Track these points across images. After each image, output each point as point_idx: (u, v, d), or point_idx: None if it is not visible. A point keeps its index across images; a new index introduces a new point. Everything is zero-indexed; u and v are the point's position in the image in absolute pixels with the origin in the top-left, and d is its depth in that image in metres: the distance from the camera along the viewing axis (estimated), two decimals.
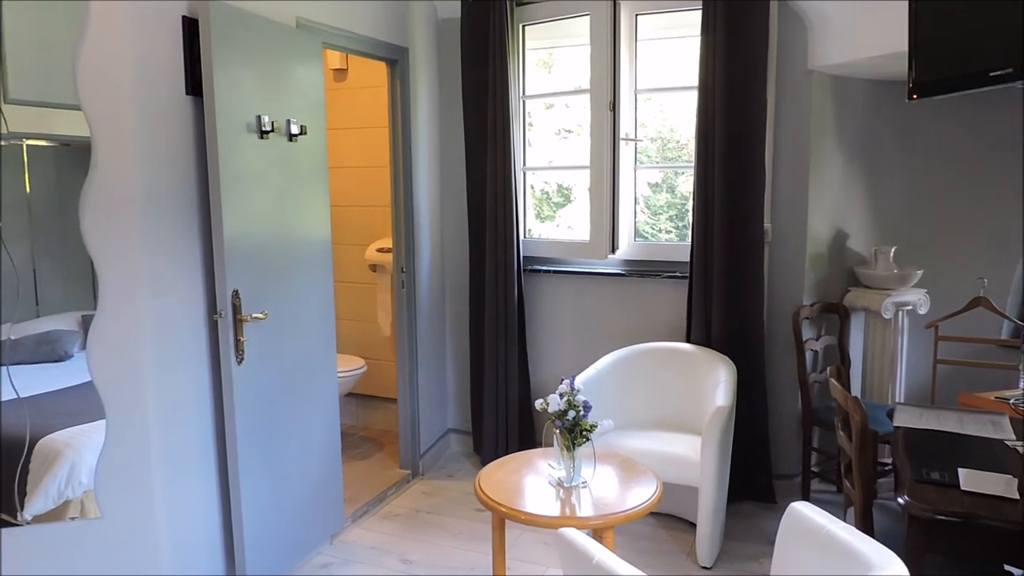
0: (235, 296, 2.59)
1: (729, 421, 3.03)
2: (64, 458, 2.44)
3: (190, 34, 2.50)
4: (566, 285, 4.01)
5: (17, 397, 2.37)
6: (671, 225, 4.15)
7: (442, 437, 4.30)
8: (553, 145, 4.30)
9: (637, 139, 3.86)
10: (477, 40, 3.82)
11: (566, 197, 4.43)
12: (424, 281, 4.02)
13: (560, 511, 2.53)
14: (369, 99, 4.43)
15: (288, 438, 2.91)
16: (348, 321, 4.53)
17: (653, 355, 3.52)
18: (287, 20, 2.96)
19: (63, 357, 2.61)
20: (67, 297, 2.61)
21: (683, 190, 4.06)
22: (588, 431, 2.58)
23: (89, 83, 2.27)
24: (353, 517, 3.47)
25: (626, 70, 3.77)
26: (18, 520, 2.38)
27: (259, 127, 2.68)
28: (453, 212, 4.19)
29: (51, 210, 2.50)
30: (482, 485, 2.66)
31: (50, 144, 2.48)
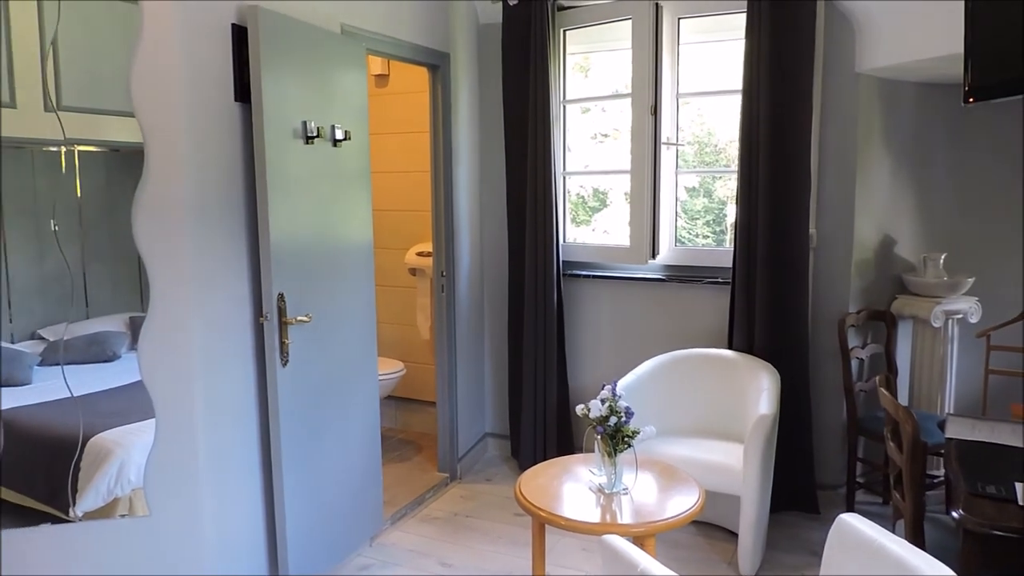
0: (280, 299, 2.62)
1: (773, 429, 2.98)
2: (114, 456, 2.50)
3: (239, 41, 2.55)
4: (605, 290, 3.99)
5: (71, 396, 2.43)
6: (708, 230, 4.11)
7: (480, 441, 4.31)
8: (589, 149, 4.29)
9: (679, 143, 3.82)
10: (518, 45, 3.83)
11: (602, 201, 4.42)
12: (463, 285, 4.03)
13: (601, 518, 2.52)
14: (410, 104, 4.47)
15: (330, 440, 2.95)
16: (387, 324, 4.56)
17: (694, 361, 3.49)
18: (332, 27, 3.00)
19: (112, 358, 2.67)
20: (115, 299, 2.67)
21: (720, 194, 4.02)
22: (630, 437, 2.56)
23: (142, 91, 2.32)
24: (392, 519, 3.49)
25: (667, 74, 3.74)
26: (70, 516, 2.44)
27: (305, 133, 2.72)
28: (493, 217, 4.20)
29: (100, 214, 2.56)
30: (523, 490, 2.65)
31: (100, 150, 2.55)
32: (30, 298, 2.54)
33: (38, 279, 2.55)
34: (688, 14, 3.70)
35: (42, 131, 2.39)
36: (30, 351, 2.55)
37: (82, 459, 2.46)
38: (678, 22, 3.73)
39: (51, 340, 2.58)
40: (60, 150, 2.41)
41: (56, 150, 2.42)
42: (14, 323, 2.51)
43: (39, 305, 2.57)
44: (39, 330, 2.59)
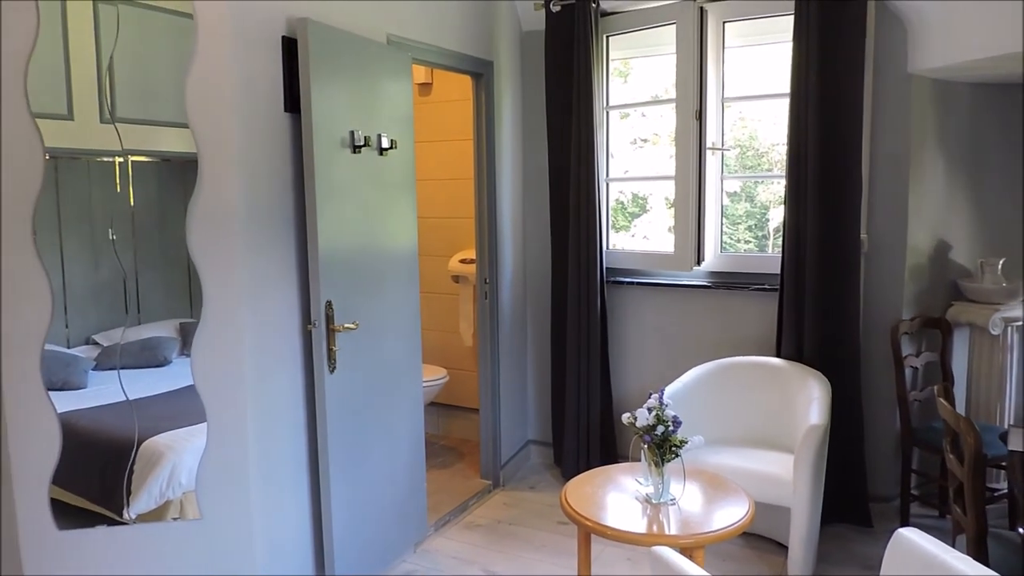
0: (328, 307, 2.65)
1: (824, 440, 2.91)
2: (166, 460, 2.54)
3: (289, 53, 2.59)
4: (649, 297, 3.95)
5: (126, 400, 2.49)
6: (750, 235, 4.05)
7: (522, 448, 4.30)
8: (628, 154, 4.26)
9: (724, 148, 3.77)
10: (561, 52, 3.83)
11: (641, 207, 4.38)
12: (506, 292, 4.03)
13: (647, 528, 2.49)
14: (453, 112, 4.49)
15: (375, 445, 2.97)
16: (430, 331, 4.59)
17: (741, 369, 3.43)
18: (378, 37, 3.03)
19: (163, 362, 2.73)
20: (166, 305, 2.73)
21: (763, 199, 3.96)
22: (677, 447, 2.53)
23: (197, 103, 2.37)
24: (436, 526, 3.50)
25: (712, 78, 3.70)
26: (124, 518, 2.49)
27: (352, 142, 2.75)
28: (536, 223, 4.19)
29: (152, 223, 2.61)
30: (568, 498, 2.63)
31: (151, 160, 2.61)
32: (85, 304, 2.60)
33: (92, 286, 2.61)
34: (733, 17, 3.66)
35: (97, 142, 2.45)
36: (85, 356, 2.62)
37: (135, 462, 2.51)
38: (723, 26, 3.68)
39: (105, 345, 2.65)
40: (114, 160, 2.47)
41: (110, 160, 2.48)
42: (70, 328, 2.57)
43: (93, 311, 2.64)
44: (93, 335, 2.66)
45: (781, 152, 3.94)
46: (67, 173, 2.39)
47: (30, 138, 2.24)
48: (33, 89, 2.24)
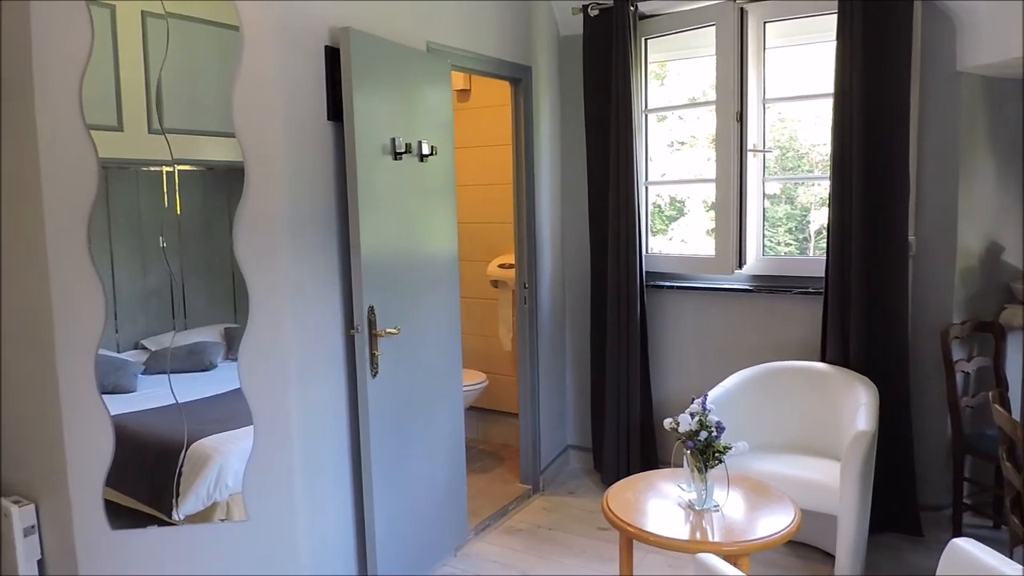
0: (371, 312, 2.68)
1: (872, 446, 2.85)
2: (213, 462, 2.59)
3: (331, 62, 2.63)
4: (689, 301, 3.91)
5: (175, 403, 2.54)
6: (790, 237, 3.99)
7: (562, 453, 4.28)
8: (665, 157, 4.23)
9: (765, 150, 3.72)
10: (599, 55, 3.82)
11: (679, 210, 4.34)
12: (545, 297, 4.03)
13: (690, 535, 2.46)
14: (491, 118, 4.51)
15: (417, 449, 2.99)
16: (469, 336, 4.60)
17: (785, 374, 3.37)
18: (418, 44, 3.06)
19: (209, 367, 2.77)
20: (211, 311, 2.78)
21: (803, 201, 3.89)
22: (721, 453, 2.49)
23: (243, 113, 2.42)
24: (476, 530, 3.51)
25: (753, 79, 3.65)
26: (173, 519, 2.55)
27: (393, 149, 2.78)
28: (574, 228, 4.19)
29: (197, 230, 2.66)
30: (610, 504, 2.62)
31: (197, 168, 2.66)
32: (133, 310, 2.66)
33: (141, 292, 2.67)
34: (774, 17, 3.61)
35: (145, 152, 2.51)
36: (134, 360, 2.68)
37: (184, 464, 2.56)
38: (763, 26, 3.64)
39: (153, 350, 2.71)
40: (162, 170, 2.53)
41: (157, 170, 2.54)
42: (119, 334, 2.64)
43: (142, 317, 2.70)
44: (142, 340, 2.73)
45: (822, 153, 3.87)
46: (116, 183, 2.45)
47: (85, 149, 2.31)
48: (86, 102, 2.31)
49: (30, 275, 2.41)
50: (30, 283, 2.42)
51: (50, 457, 2.43)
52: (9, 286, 2.53)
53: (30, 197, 2.35)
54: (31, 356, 2.46)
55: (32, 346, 2.44)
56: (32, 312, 2.42)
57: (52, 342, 2.35)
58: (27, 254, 2.41)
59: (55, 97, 2.28)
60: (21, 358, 2.51)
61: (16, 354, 2.53)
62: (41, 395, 2.43)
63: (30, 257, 2.40)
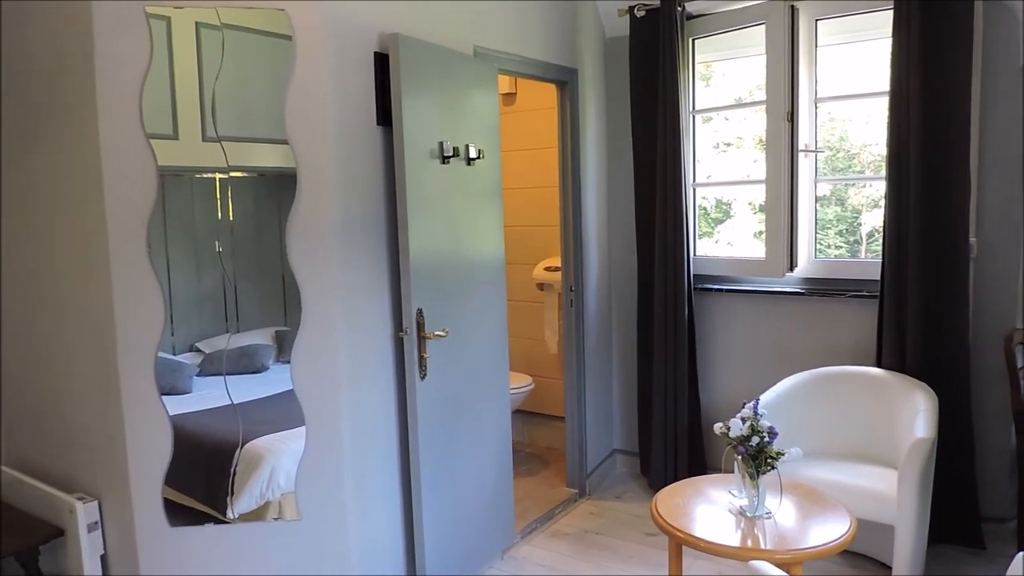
0: (419, 314, 2.70)
1: (931, 455, 2.76)
2: (266, 462, 2.64)
3: (381, 68, 2.67)
4: (738, 304, 3.85)
5: (231, 404, 2.60)
6: (840, 240, 3.89)
7: (608, 457, 4.26)
8: (711, 159, 4.17)
9: (817, 150, 3.65)
10: (646, 57, 3.79)
11: (725, 212, 4.28)
12: (592, 299, 4.01)
13: (741, 542, 2.42)
14: (537, 121, 4.52)
15: (464, 452, 3.00)
16: (515, 339, 4.58)
17: (839, 380, 3.29)
18: (465, 49, 3.08)
19: (260, 369, 2.83)
20: (262, 314, 2.83)
21: (854, 203, 3.80)
22: (774, 459, 2.45)
23: (295, 120, 2.46)
24: (522, 533, 3.51)
25: (804, 78, 3.58)
26: (227, 517, 2.60)
27: (441, 152, 2.80)
28: (621, 230, 4.16)
29: (248, 235, 2.72)
30: (659, 509, 2.59)
31: (248, 175, 2.72)
32: (188, 313, 2.73)
33: (195, 296, 2.73)
34: (826, 15, 3.54)
35: (199, 159, 2.57)
36: (189, 362, 2.75)
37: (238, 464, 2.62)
38: (815, 23, 3.57)
39: (207, 352, 2.77)
40: (215, 177, 2.59)
41: (211, 176, 2.60)
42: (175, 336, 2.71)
43: (196, 320, 2.76)
44: (196, 343, 2.79)
45: (873, 153, 3.78)
46: (171, 189, 2.51)
47: (145, 157, 2.38)
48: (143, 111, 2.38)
49: (92, 279, 2.49)
50: (92, 287, 2.50)
51: (112, 456, 2.51)
52: (71, 290, 2.62)
53: (92, 204, 2.43)
54: (94, 358, 2.54)
55: (95, 348, 2.53)
56: (95, 315, 2.50)
57: (114, 344, 2.43)
58: (89, 259, 2.50)
59: (117, 107, 2.36)
60: (84, 360, 2.60)
61: (80, 356, 2.62)
62: (104, 396, 2.51)
63: (92, 262, 2.48)
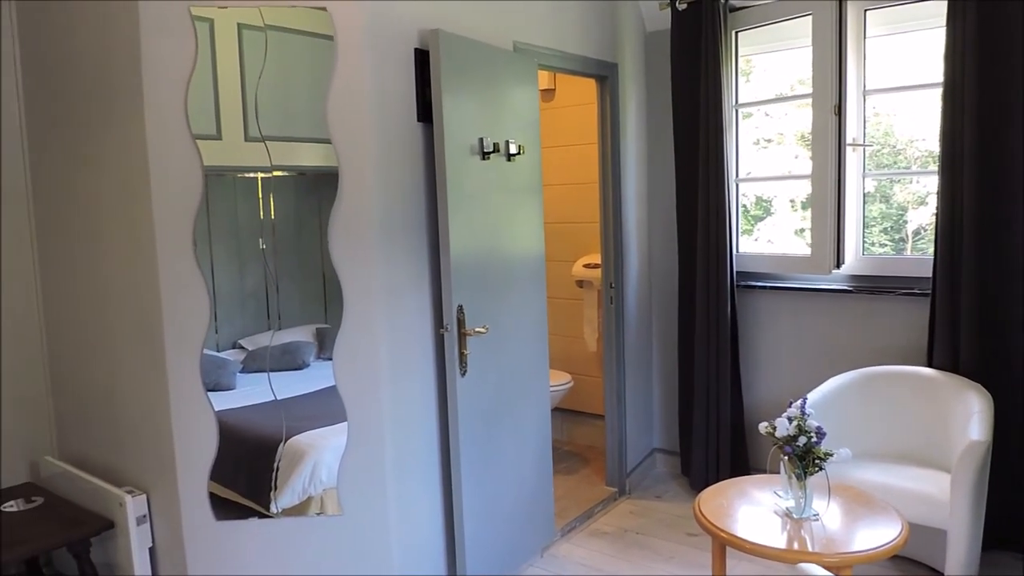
0: (460, 311, 2.70)
1: (986, 458, 2.67)
2: (308, 458, 2.66)
3: (421, 65, 2.67)
4: (783, 302, 3.77)
5: (274, 400, 2.63)
6: (886, 238, 3.78)
7: (648, 456, 4.21)
8: (751, 155, 4.09)
9: (865, 144, 3.55)
10: (688, 50, 3.74)
11: (765, 210, 4.19)
12: (632, 297, 3.97)
13: (788, 544, 2.37)
14: (576, 117, 4.49)
15: (504, 449, 2.99)
16: (554, 336, 4.56)
17: (889, 379, 3.21)
18: (505, 44, 3.07)
19: (301, 366, 2.84)
20: (303, 312, 2.84)
21: (899, 200, 3.69)
22: (822, 459, 2.39)
23: (337, 118, 2.47)
24: (562, 531, 3.49)
25: (852, 70, 3.49)
26: (270, 512, 2.63)
27: (481, 149, 2.79)
28: (661, 227, 4.11)
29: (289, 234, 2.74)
30: (702, 509, 2.55)
31: (289, 174, 2.74)
32: (231, 311, 2.76)
33: (238, 294, 2.76)
34: (875, 4, 3.44)
35: (241, 159, 2.60)
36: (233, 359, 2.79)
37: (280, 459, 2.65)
38: (864, 14, 3.47)
39: (250, 349, 2.80)
40: (257, 176, 2.62)
41: (253, 176, 2.63)
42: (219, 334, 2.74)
43: (239, 317, 2.80)
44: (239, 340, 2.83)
45: (921, 148, 3.67)
46: (214, 189, 2.54)
47: (191, 157, 2.42)
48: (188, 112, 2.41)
49: (140, 277, 2.54)
50: (140, 285, 2.55)
51: (160, 450, 2.56)
52: (119, 287, 2.67)
53: (139, 203, 2.47)
54: (142, 354, 2.59)
55: (142, 345, 2.58)
56: (142, 312, 2.55)
57: (162, 341, 2.47)
58: (137, 258, 2.54)
59: (163, 107, 2.40)
60: (133, 356, 2.65)
61: (128, 352, 2.68)
62: (152, 391, 2.56)
63: (140, 260, 2.53)
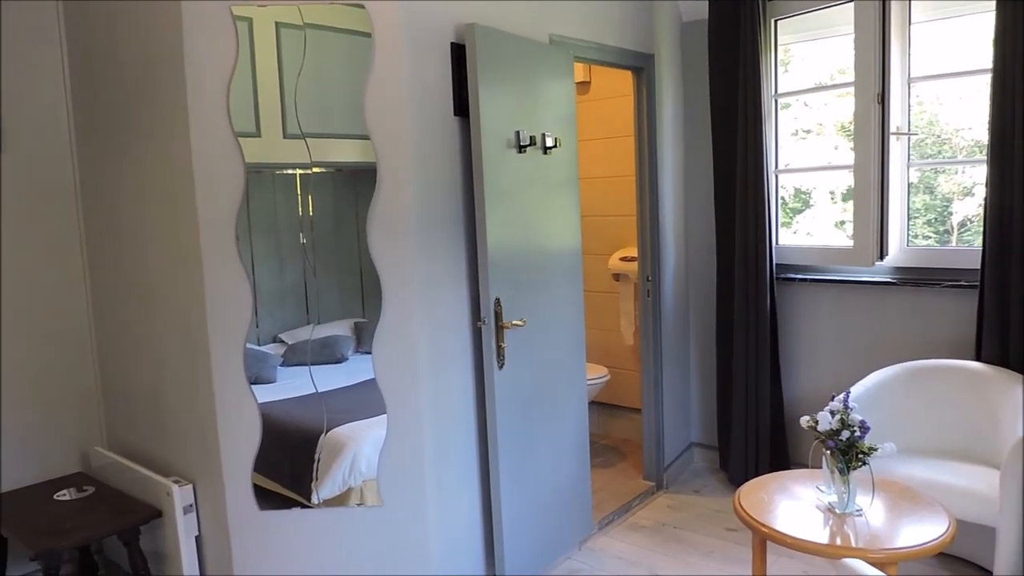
0: (497, 304, 2.71)
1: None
2: (347, 450, 2.70)
3: (457, 59, 2.67)
4: (824, 294, 3.71)
5: (315, 392, 2.67)
6: (929, 230, 3.68)
7: (685, 450, 4.18)
8: (789, 147, 4.01)
9: (910, 132, 3.47)
10: (726, 39, 3.69)
11: (804, 202, 4.12)
12: (669, 290, 3.94)
13: (830, 539, 2.33)
14: (612, 109, 4.46)
15: (542, 441, 3.00)
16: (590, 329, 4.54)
17: (935, 374, 3.13)
18: (541, 37, 3.06)
19: (340, 359, 2.88)
20: (341, 306, 2.88)
21: (944, 190, 3.59)
22: (865, 454, 2.35)
23: (375, 114, 2.50)
24: (599, 525, 3.48)
25: (896, 57, 3.41)
26: (311, 503, 2.68)
27: (517, 142, 2.80)
28: (698, 219, 4.07)
29: (327, 229, 2.78)
30: (742, 504, 2.52)
31: (327, 170, 2.77)
32: (271, 305, 2.81)
33: (278, 289, 2.81)
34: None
35: (280, 156, 2.64)
36: (273, 353, 2.84)
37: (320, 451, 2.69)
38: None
39: (290, 343, 2.85)
40: (295, 172, 2.66)
41: (291, 172, 2.67)
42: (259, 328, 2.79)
43: (278, 312, 2.84)
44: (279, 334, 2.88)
45: (967, 137, 3.57)
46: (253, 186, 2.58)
47: (233, 154, 2.46)
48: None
49: (184, 272, 2.60)
50: (185, 280, 2.60)
51: (205, 441, 2.62)
52: (163, 283, 2.74)
53: (184, 200, 2.53)
54: (186, 348, 2.65)
55: (187, 339, 2.64)
56: (187, 307, 2.61)
57: (206, 334, 2.52)
58: (181, 253, 2.60)
59: (206, 105, 2.44)
60: (178, 350, 2.71)
61: (173, 346, 2.74)
62: (197, 384, 2.62)
63: (184, 255, 2.58)
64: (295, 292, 2.78)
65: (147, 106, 2.67)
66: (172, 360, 2.76)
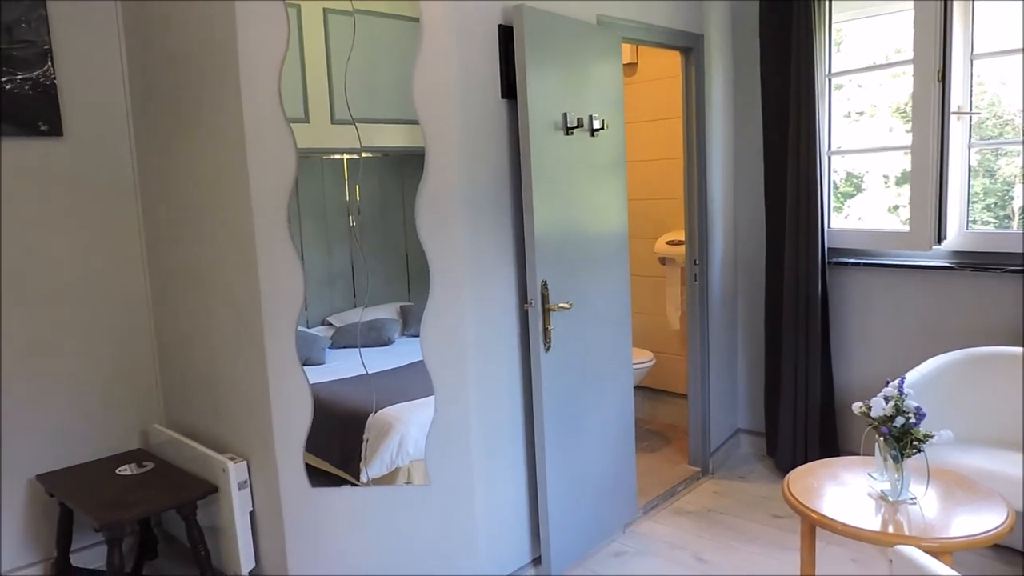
0: (544, 286, 2.71)
1: None
2: (395, 431, 2.74)
3: (505, 41, 2.67)
4: (877, 279, 3.62)
5: (365, 373, 2.71)
6: (989, 215, 3.55)
7: (732, 436, 4.14)
8: (841, 129, 3.90)
9: (972, 112, 3.35)
10: (778, 18, 3.60)
11: (855, 186, 4.01)
12: (716, 274, 3.89)
13: (883, 527, 2.29)
14: (659, 91, 4.40)
15: (587, 425, 3.00)
16: (636, 313, 4.55)
17: (994, 361, 3.04)
18: (588, 18, 3.03)
19: (387, 342, 2.93)
20: (387, 290, 2.92)
21: (1005, 174, 3.45)
22: (920, 441, 2.30)
23: (424, 98, 2.51)
24: (644, 509, 3.48)
25: (959, 33, 3.29)
26: (360, 481, 2.73)
27: (565, 124, 2.78)
28: (747, 201, 4.00)
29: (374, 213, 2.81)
30: (791, 489, 2.49)
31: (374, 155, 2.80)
32: (320, 289, 2.87)
33: (327, 272, 2.86)
34: None
35: (328, 141, 2.67)
36: (322, 335, 2.89)
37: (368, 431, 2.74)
38: None
39: (337, 326, 2.90)
40: (343, 158, 2.69)
41: (339, 157, 2.70)
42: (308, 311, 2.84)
43: (327, 295, 2.89)
44: (327, 317, 2.93)
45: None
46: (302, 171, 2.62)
47: (285, 139, 2.50)
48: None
49: (238, 256, 2.66)
50: (239, 263, 2.66)
51: (259, 420, 2.69)
52: (218, 266, 2.80)
53: (237, 186, 2.58)
54: (241, 329, 2.72)
55: (241, 320, 2.70)
56: (241, 289, 2.67)
57: (259, 316, 2.58)
58: (235, 236, 2.66)
59: (258, 93, 2.48)
60: (232, 331, 2.78)
61: (228, 328, 2.81)
62: (251, 364, 2.68)
63: (237, 239, 2.64)
64: (343, 276, 2.83)
65: (201, 95, 2.72)
66: (227, 341, 2.84)
